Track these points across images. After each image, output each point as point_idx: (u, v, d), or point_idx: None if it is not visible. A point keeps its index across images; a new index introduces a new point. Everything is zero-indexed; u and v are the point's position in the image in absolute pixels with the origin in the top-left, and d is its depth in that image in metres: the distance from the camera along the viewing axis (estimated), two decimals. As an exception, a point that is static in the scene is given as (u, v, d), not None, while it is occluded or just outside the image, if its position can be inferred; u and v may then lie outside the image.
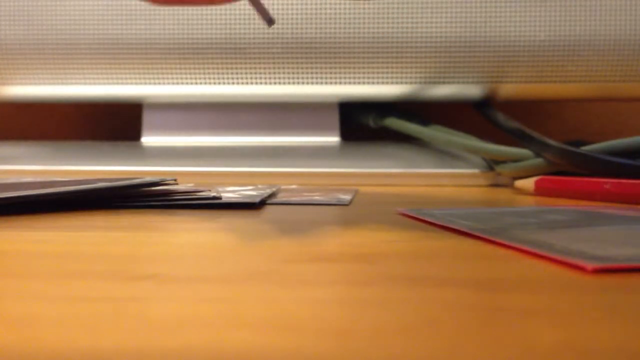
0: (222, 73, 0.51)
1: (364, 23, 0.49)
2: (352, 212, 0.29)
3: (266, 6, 0.49)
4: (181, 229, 0.23)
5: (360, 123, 0.56)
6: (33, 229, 0.23)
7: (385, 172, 0.48)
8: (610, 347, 0.10)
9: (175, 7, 0.50)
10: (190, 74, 0.51)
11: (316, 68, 0.50)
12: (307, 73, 0.50)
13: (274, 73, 0.50)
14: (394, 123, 0.52)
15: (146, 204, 0.30)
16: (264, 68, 0.50)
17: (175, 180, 0.32)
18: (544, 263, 0.17)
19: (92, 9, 0.50)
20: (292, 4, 0.50)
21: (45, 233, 0.22)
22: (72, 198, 0.29)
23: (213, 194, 0.31)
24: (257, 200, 0.30)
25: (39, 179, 0.36)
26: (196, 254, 0.18)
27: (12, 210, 0.28)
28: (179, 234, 0.22)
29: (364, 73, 0.50)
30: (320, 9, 0.49)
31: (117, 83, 0.51)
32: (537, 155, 0.43)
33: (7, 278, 0.15)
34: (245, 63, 0.50)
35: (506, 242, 0.19)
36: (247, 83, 0.51)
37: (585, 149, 0.40)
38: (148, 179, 0.32)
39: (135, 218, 0.26)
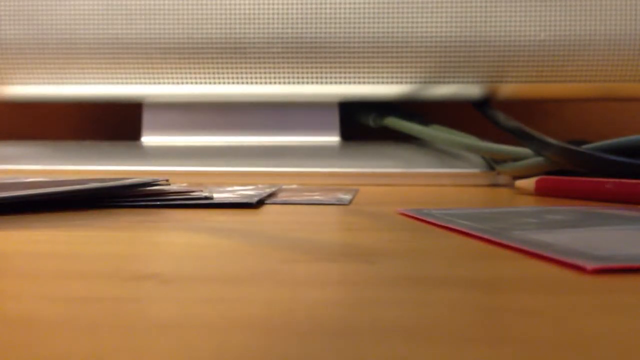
0: (222, 73, 0.51)
1: (364, 23, 0.49)
2: (352, 212, 0.29)
3: (268, 5, 0.49)
4: (180, 229, 0.23)
5: (360, 123, 0.56)
6: (33, 229, 0.23)
7: (385, 172, 0.48)
8: (611, 347, 0.10)
9: (176, 6, 0.50)
10: (190, 74, 0.51)
11: (316, 68, 0.50)
12: (307, 73, 0.50)
13: (274, 73, 0.50)
14: (394, 123, 0.52)
15: (139, 203, 0.30)
16: (264, 68, 0.50)
17: (167, 180, 0.32)
18: (544, 263, 0.17)
19: (92, 9, 0.50)
20: (292, 4, 0.50)
21: (45, 233, 0.22)
22: (64, 198, 0.29)
23: (205, 194, 0.31)
24: (255, 200, 0.30)
25: (39, 178, 0.36)
26: (196, 254, 0.18)
27: (11, 210, 0.28)
28: (178, 233, 0.22)
29: (364, 73, 0.50)
30: (320, 9, 0.49)
31: (117, 83, 0.51)
32: (538, 154, 0.43)
33: (7, 278, 0.15)
34: (245, 63, 0.50)
35: (506, 242, 0.19)
36: (247, 83, 0.51)
37: (586, 147, 0.40)
38: (140, 179, 0.32)
39: (134, 218, 0.26)
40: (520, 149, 0.45)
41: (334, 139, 0.53)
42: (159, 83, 0.51)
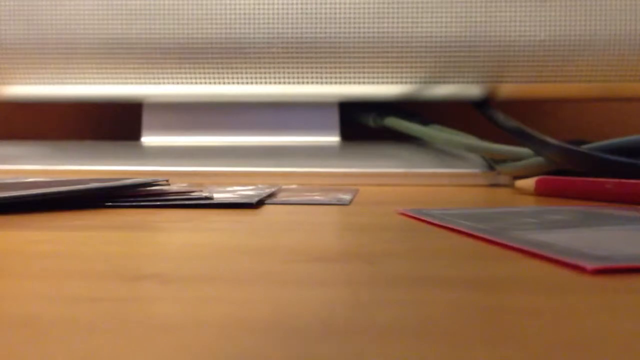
0: (222, 73, 0.51)
1: (364, 23, 0.49)
2: (352, 212, 0.29)
3: (268, 5, 0.49)
4: (181, 229, 0.23)
5: (360, 123, 0.56)
6: (33, 229, 0.23)
7: (385, 172, 0.48)
8: (611, 347, 0.10)
9: (176, 6, 0.49)
10: (190, 74, 0.51)
11: (316, 68, 0.50)
12: (307, 73, 0.50)
13: (274, 73, 0.50)
14: (394, 123, 0.52)
15: (139, 203, 0.30)
16: (264, 68, 0.50)
17: (167, 180, 0.32)
18: (544, 263, 0.17)
19: (92, 9, 0.50)
20: (292, 4, 0.50)
21: (45, 233, 0.22)
22: (65, 198, 0.29)
23: (205, 194, 0.31)
24: (255, 200, 0.30)
25: (39, 178, 0.36)
26: (196, 254, 0.18)
27: (11, 210, 0.28)
28: (179, 233, 0.22)
29: (364, 73, 0.50)
30: (320, 9, 0.49)
31: (117, 83, 0.51)
32: (537, 154, 0.43)
33: (7, 278, 0.15)
34: (245, 63, 0.50)
35: (506, 242, 0.19)
36: (247, 83, 0.51)
37: (586, 147, 0.40)
38: (140, 179, 0.32)
39: (134, 218, 0.26)
40: (520, 149, 0.45)
41: (334, 139, 0.53)
42: (159, 83, 0.51)
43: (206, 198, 0.30)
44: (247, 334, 0.11)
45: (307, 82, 0.51)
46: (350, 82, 0.50)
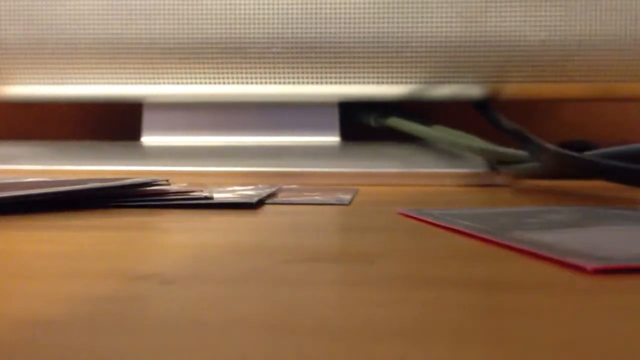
0: (222, 73, 0.51)
1: (364, 23, 0.49)
2: (352, 212, 0.29)
3: (268, 5, 0.49)
4: (180, 229, 0.23)
5: (361, 122, 0.55)
6: (33, 229, 0.23)
7: (385, 172, 0.48)
8: (611, 347, 0.10)
9: (176, 6, 0.49)
10: (190, 74, 0.51)
11: (316, 68, 0.50)
12: (307, 73, 0.50)
13: (274, 73, 0.50)
14: (397, 123, 0.52)
15: (139, 203, 0.30)
16: (264, 68, 0.50)
17: (167, 180, 0.32)
18: (544, 263, 0.17)
19: (92, 9, 0.50)
20: (292, 4, 0.50)
21: (45, 233, 0.22)
22: (64, 198, 0.29)
23: (205, 194, 0.31)
24: (255, 200, 0.30)
25: (39, 178, 0.37)
26: (196, 253, 0.18)
27: (11, 210, 0.28)
28: (179, 234, 0.22)
29: (364, 73, 0.50)
30: (320, 9, 0.49)
31: (117, 83, 0.51)
32: (535, 158, 0.42)
33: (7, 278, 0.15)
34: (245, 63, 0.50)
35: (506, 242, 0.19)
36: (247, 83, 0.51)
37: (587, 154, 0.40)
38: (139, 179, 0.32)
39: (134, 218, 0.26)
40: (524, 153, 0.44)
41: (334, 139, 0.53)
42: (159, 83, 0.51)
43: (206, 198, 0.30)
44: (246, 333, 0.11)
45: (307, 82, 0.51)
46: (350, 82, 0.50)
